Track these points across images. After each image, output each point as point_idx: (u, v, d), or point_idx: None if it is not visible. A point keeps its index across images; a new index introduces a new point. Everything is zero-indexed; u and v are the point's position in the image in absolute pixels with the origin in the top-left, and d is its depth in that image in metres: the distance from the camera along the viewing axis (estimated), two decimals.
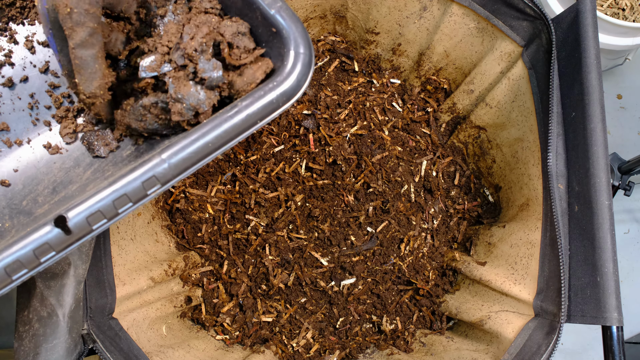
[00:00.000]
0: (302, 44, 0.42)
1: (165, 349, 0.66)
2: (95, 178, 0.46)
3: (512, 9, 0.68)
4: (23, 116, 0.50)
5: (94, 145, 0.49)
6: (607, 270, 0.54)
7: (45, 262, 0.39)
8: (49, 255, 0.39)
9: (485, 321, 0.68)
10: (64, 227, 0.39)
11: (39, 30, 0.53)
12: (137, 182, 0.40)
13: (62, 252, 0.40)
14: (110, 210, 0.40)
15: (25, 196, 0.47)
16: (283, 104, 0.42)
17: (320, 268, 0.82)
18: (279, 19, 0.42)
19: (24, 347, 0.50)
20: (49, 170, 0.49)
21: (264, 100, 0.41)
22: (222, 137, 0.41)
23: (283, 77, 0.42)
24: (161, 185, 0.40)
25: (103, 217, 0.40)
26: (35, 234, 0.39)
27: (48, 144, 0.50)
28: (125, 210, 0.40)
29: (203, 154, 0.41)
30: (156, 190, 0.40)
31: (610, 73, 1.27)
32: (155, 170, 0.40)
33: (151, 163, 0.40)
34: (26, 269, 0.39)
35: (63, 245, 0.39)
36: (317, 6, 0.83)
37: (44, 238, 0.39)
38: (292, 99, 0.43)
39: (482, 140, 0.85)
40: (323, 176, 0.84)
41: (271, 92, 0.42)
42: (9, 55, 0.51)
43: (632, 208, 1.20)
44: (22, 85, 0.51)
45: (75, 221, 0.39)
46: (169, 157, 0.40)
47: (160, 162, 0.40)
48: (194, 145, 0.40)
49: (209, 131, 0.41)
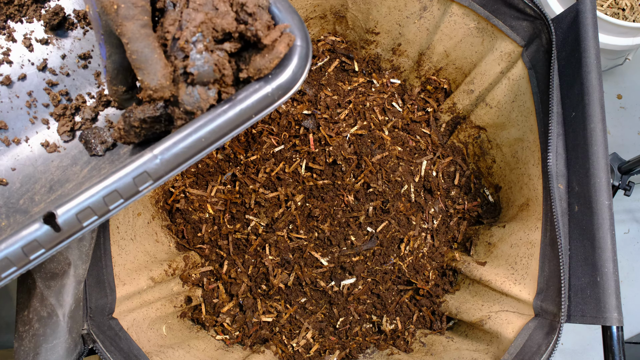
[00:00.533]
0: (299, 36, 0.41)
1: (165, 349, 0.66)
2: (92, 176, 0.46)
3: (512, 9, 0.68)
4: (21, 114, 0.50)
5: (91, 144, 0.49)
6: (607, 270, 0.54)
7: (35, 259, 0.39)
8: (38, 253, 0.38)
9: (485, 321, 0.68)
10: (53, 224, 0.38)
11: (37, 28, 0.53)
12: (128, 178, 0.39)
13: (51, 249, 0.39)
14: (100, 207, 0.39)
15: (22, 195, 0.46)
16: (279, 98, 0.41)
17: (320, 268, 0.82)
18: (275, 10, 0.41)
19: (24, 347, 0.50)
20: (47, 168, 0.48)
21: (259, 93, 0.40)
22: (215, 132, 0.40)
23: (279, 70, 0.40)
24: (153, 181, 0.39)
25: (93, 214, 0.39)
26: (23, 231, 0.38)
27: (46, 142, 0.50)
28: (117, 207, 0.39)
29: (196, 149, 0.40)
30: (148, 186, 0.39)
31: (610, 73, 1.27)
32: (146, 166, 0.39)
33: (143, 159, 0.39)
34: (15, 266, 0.38)
35: (53, 243, 0.39)
36: (317, 6, 0.83)
37: (32, 235, 0.38)
38: (288, 92, 0.41)
39: (482, 140, 0.85)
40: (323, 176, 0.84)
41: (266, 85, 0.40)
42: (7, 54, 0.51)
43: (632, 208, 1.20)
44: (20, 83, 0.51)
45: (65, 218, 0.38)
46: (160, 152, 0.39)
47: (152, 157, 0.39)
48: (187, 140, 0.39)
49: (202, 126, 0.39)
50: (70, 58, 0.53)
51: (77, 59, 0.53)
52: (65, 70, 0.53)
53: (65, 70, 0.53)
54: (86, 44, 0.54)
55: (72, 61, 0.53)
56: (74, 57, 0.53)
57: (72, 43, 0.53)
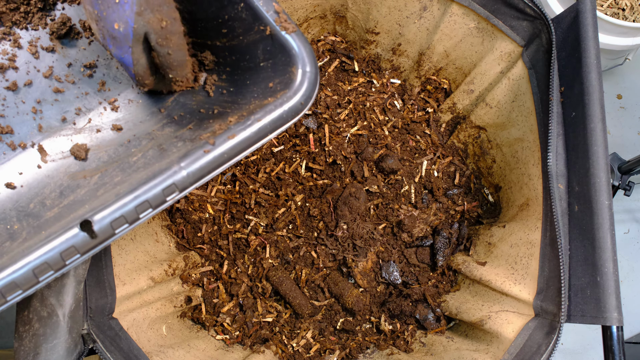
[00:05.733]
0: (309, 63, 0.46)
1: (165, 348, 0.66)
2: (104, 183, 0.46)
3: (512, 9, 0.68)
4: (27, 120, 0.51)
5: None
6: (607, 270, 0.54)
7: (70, 264, 0.41)
8: (74, 258, 0.40)
9: (485, 321, 0.68)
10: (89, 231, 0.40)
11: (43, 35, 0.53)
12: (158, 189, 0.42)
13: (85, 254, 0.41)
14: (132, 215, 0.41)
15: (31, 199, 0.47)
16: (291, 119, 0.45)
17: (320, 271, 0.82)
18: (291, 40, 0.46)
19: (24, 347, 0.50)
20: (54, 174, 0.49)
21: (274, 114, 0.45)
22: (235, 148, 0.44)
23: (292, 93, 0.45)
24: (179, 192, 0.43)
25: (125, 222, 0.41)
26: (62, 236, 0.40)
27: (52, 147, 0.50)
28: (146, 216, 0.42)
29: (218, 163, 0.44)
30: (174, 196, 0.43)
31: (610, 73, 1.27)
32: (174, 178, 0.42)
33: (170, 171, 0.42)
34: (52, 270, 0.40)
35: (87, 248, 0.41)
36: (317, 6, 0.83)
37: (71, 241, 0.40)
38: (299, 114, 0.46)
39: (482, 140, 0.85)
40: (323, 176, 0.84)
41: (280, 107, 0.45)
42: (13, 59, 0.51)
43: (632, 208, 1.20)
44: (26, 90, 0.51)
45: (101, 225, 0.40)
46: (187, 165, 0.42)
47: (179, 169, 0.42)
48: (211, 154, 0.43)
49: (224, 142, 0.43)
50: (75, 67, 0.54)
51: (83, 68, 0.54)
52: (71, 78, 0.53)
53: (71, 79, 0.53)
54: (91, 54, 0.54)
55: (77, 70, 0.54)
56: (79, 66, 0.54)
57: (77, 52, 0.54)
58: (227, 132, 0.44)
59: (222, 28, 0.50)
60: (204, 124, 0.49)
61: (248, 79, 0.51)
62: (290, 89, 0.45)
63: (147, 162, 0.47)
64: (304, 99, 0.45)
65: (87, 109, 0.53)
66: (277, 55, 0.47)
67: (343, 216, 0.82)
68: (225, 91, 0.52)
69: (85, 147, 0.50)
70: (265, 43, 0.47)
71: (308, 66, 0.46)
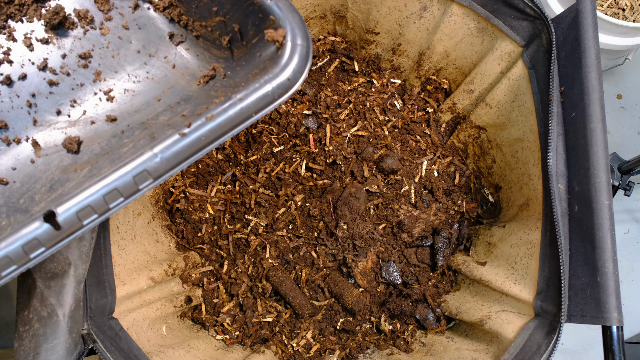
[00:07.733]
0: (299, 35, 0.41)
1: (165, 348, 0.66)
2: (92, 175, 0.45)
3: (512, 9, 0.68)
4: (22, 114, 0.50)
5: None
6: (607, 270, 0.54)
7: (35, 258, 0.38)
8: (38, 252, 0.38)
9: (486, 321, 0.68)
10: (53, 223, 0.38)
11: (38, 27, 0.52)
12: (128, 177, 0.39)
13: (51, 248, 0.39)
14: (101, 205, 0.39)
15: (22, 194, 0.46)
16: (279, 97, 0.41)
17: (321, 271, 0.82)
18: (275, 8, 0.41)
19: (24, 347, 0.50)
20: (47, 168, 0.48)
21: (259, 92, 0.40)
22: (215, 131, 0.40)
23: (279, 69, 0.41)
24: (153, 179, 0.39)
25: (94, 212, 0.39)
26: (23, 229, 0.38)
27: (46, 141, 0.50)
28: (117, 205, 0.39)
29: (196, 147, 0.40)
30: (148, 184, 0.39)
31: (610, 73, 1.27)
32: (147, 165, 0.39)
33: (143, 157, 0.39)
34: (15, 265, 0.38)
35: (53, 241, 0.38)
36: (317, 6, 0.83)
37: (33, 234, 0.38)
38: (288, 91, 0.41)
39: (482, 140, 0.85)
40: (323, 176, 0.84)
41: (267, 84, 0.40)
42: (8, 53, 0.51)
43: (632, 208, 1.20)
44: (21, 83, 0.51)
45: (65, 216, 0.38)
46: (161, 151, 0.39)
47: (152, 156, 0.39)
48: (187, 139, 0.39)
49: (202, 125, 0.39)
50: (70, 57, 0.53)
51: (78, 59, 0.53)
52: (66, 69, 0.52)
53: (66, 70, 0.52)
54: (86, 43, 0.53)
55: (72, 60, 0.53)
56: (74, 57, 0.53)
57: (72, 42, 0.53)
58: (206, 113, 0.40)
59: (212, 6, 0.48)
60: (197, 109, 0.46)
61: (243, 60, 0.48)
62: (277, 65, 0.41)
63: (134, 152, 0.46)
64: (292, 75, 0.41)
65: (82, 101, 0.52)
66: (266, 26, 0.43)
67: (343, 216, 0.82)
68: (224, 76, 0.50)
69: (78, 139, 0.49)
70: (254, 17, 0.44)
71: (299, 38, 0.41)
